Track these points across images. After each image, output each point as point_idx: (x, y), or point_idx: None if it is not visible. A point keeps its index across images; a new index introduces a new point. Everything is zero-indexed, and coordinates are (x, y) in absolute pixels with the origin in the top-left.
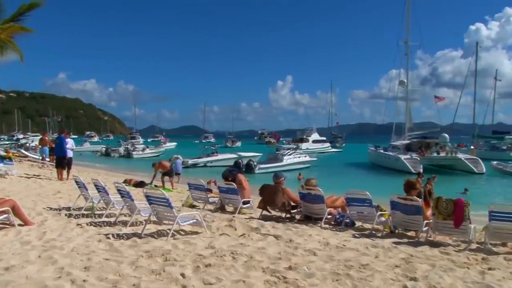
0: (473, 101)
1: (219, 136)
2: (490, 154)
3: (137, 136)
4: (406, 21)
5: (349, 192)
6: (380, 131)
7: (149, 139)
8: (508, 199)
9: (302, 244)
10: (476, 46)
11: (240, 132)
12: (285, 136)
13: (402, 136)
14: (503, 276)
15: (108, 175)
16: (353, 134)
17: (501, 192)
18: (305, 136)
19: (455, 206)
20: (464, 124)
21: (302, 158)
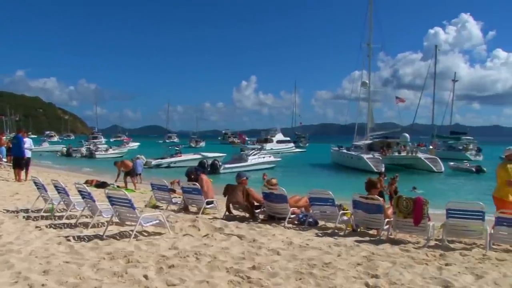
0: (432, 103)
1: (183, 136)
2: (447, 154)
3: (99, 136)
4: (369, 23)
5: (312, 192)
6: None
7: (112, 139)
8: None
9: (265, 244)
10: (435, 49)
11: (204, 132)
12: (250, 136)
13: (364, 136)
14: (458, 271)
15: (69, 176)
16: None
17: (458, 190)
18: (269, 136)
19: (415, 204)
20: (423, 125)
21: (267, 158)
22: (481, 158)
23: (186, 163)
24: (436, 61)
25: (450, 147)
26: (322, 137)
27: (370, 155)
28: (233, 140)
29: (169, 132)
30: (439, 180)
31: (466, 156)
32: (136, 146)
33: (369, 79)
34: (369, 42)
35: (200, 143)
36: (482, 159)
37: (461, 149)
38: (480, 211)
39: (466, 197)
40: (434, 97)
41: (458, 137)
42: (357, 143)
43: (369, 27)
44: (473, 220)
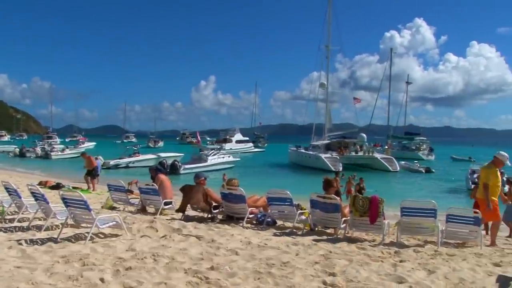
0: (388, 104)
1: (141, 136)
2: (401, 154)
3: (54, 135)
4: (328, 26)
5: (270, 192)
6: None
7: (67, 139)
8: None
9: (224, 244)
10: (390, 52)
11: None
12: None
13: (322, 136)
14: (412, 267)
15: (21, 177)
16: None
17: (412, 189)
18: (228, 136)
19: (371, 203)
20: (379, 125)
21: (226, 158)
22: (433, 158)
23: (145, 163)
24: (391, 64)
25: (404, 147)
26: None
27: (328, 154)
28: (191, 140)
29: (127, 132)
30: (394, 179)
31: (419, 156)
32: (92, 145)
33: (327, 80)
34: (327, 44)
35: (159, 143)
36: (434, 159)
37: (414, 149)
38: (432, 209)
39: (419, 196)
40: (390, 99)
41: (412, 137)
42: (315, 143)
43: (328, 29)
44: (426, 218)
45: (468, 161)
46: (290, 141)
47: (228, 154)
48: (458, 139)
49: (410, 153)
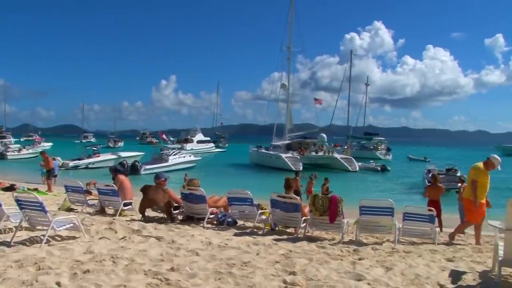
0: (348, 105)
1: (100, 136)
2: (360, 153)
3: (7, 135)
4: (289, 27)
5: (231, 192)
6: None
7: (22, 139)
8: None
9: (184, 245)
10: (350, 54)
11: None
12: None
13: (283, 136)
14: (370, 264)
15: None
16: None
17: (370, 188)
18: (189, 136)
19: (330, 203)
20: (340, 126)
21: (187, 158)
22: (390, 157)
23: (105, 163)
24: (351, 65)
25: (362, 147)
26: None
27: (289, 154)
28: (151, 140)
29: (85, 131)
30: (353, 179)
31: (376, 156)
32: (48, 146)
33: (288, 81)
34: (289, 45)
35: (119, 143)
36: (391, 158)
37: (372, 148)
38: (389, 207)
39: (377, 195)
40: (349, 100)
41: (370, 137)
42: (276, 143)
43: (290, 31)
44: (383, 216)
45: (424, 161)
46: (251, 141)
47: (189, 154)
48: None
49: (368, 152)
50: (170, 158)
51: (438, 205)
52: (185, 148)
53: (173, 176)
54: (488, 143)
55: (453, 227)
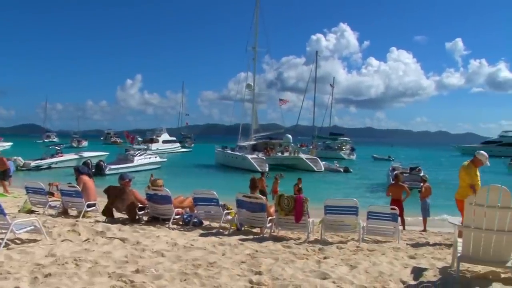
0: (313, 105)
1: (63, 135)
2: (325, 153)
3: None
4: (255, 28)
5: (197, 192)
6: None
7: None
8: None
9: (149, 246)
10: (315, 55)
11: (86, 132)
12: None
13: (249, 137)
14: (335, 263)
15: None
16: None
17: (335, 187)
18: (155, 136)
19: (296, 202)
20: (306, 126)
21: (153, 159)
22: (355, 157)
23: (68, 163)
24: (316, 66)
25: (327, 147)
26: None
27: (255, 155)
28: (115, 140)
29: (48, 131)
30: (318, 179)
31: (340, 155)
32: (8, 146)
33: (254, 81)
34: (254, 46)
35: (83, 143)
36: (356, 158)
37: (337, 148)
38: (354, 206)
39: (342, 194)
40: (315, 100)
41: (335, 138)
42: (242, 143)
43: (255, 31)
44: (348, 215)
45: (388, 160)
46: (217, 142)
47: (154, 154)
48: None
49: (332, 152)
50: (136, 159)
51: (400, 204)
52: (150, 148)
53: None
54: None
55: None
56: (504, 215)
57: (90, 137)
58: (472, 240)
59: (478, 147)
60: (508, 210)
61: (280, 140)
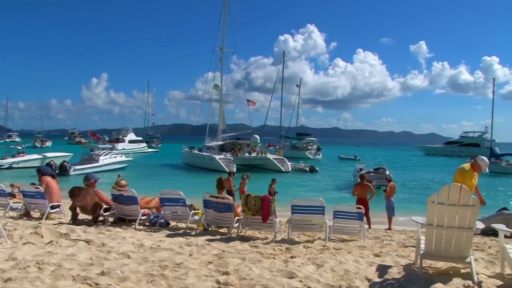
0: (280, 106)
1: (26, 135)
2: (291, 153)
3: None
4: (222, 28)
5: (163, 192)
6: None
7: None
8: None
9: (115, 248)
10: (282, 55)
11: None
12: None
13: (216, 137)
14: (302, 262)
15: None
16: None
17: (302, 187)
18: (121, 136)
19: (263, 202)
20: (273, 126)
21: (118, 159)
22: (320, 157)
23: (30, 163)
24: (283, 67)
25: (293, 147)
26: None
27: (222, 155)
28: (80, 140)
29: (9, 130)
30: (285, 179)
31: (306, 155)
32: None
33: (221, 82)
34: (222, 46)
35: (46, 143)
36: (321, 158)
37: (302, 148)
38: (320, 206)
39: (309, 194)
40: (282, 100)
41: (301, 138)
42: (209, 144)
43: (223, 31)
44: (314, 214)
45: (354, 160)
46: (184, 142)
47: (120, 154)
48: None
49: (298, 152)
50: (101, 159)
51: (366, 203)
52: (116, 148)
53: (104, 177)
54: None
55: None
56: (464, 213)
57: (53, 137)
58: (434, 238)
59: (441, 147)
60: (468, 208)
61: (247, 140)
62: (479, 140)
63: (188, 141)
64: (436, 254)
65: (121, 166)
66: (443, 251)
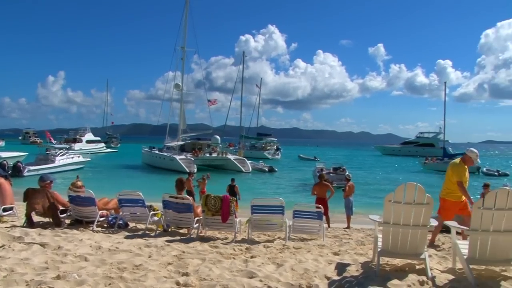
0: (240, 106)
1: None
2: (250, 153)
3: None
4: (184, 27)
5: (122, 193)
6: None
7: None
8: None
9: (72, 250)
10: (243, 55)
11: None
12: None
13: (176, 137)
14: (262, 261)
15: None
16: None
17: (263, 187)
18: (78, 136)
19: (222, 202)
20: (234, 126)
21: (76, 159)
22: (279, 157)
23: None
24: (243, 67)
25: (252, 147)
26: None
27: (183, 156)
28: (35, 140)
29: None
30: (246, 179)
31: (264, 155)
32: None
33: (182, 81)
34: (183, 45)
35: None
36: (280, 157)
37: (261, 148)
38: (280, 205)
39: (269, 194)
40: (242, 101)
41: (260, 138)
42: (170, 144)
43: (184, 31)
44: (274, 214)
45: (314, 160)
46: (144, 142)
47: (77, 154)
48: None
49: (257, 152)
50: (57, 159)
51: (325, 202)
52: (73, 148)
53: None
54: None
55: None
56: (419, 211)
57: (7, 137)
58: (391, 235)
59: (398, 147)
60: (423, 206)
61: (208, 140)
62: (433, 140)
63: (148, 141)
64: (393, 251)
65: (78, 167)
66: (399, 248)
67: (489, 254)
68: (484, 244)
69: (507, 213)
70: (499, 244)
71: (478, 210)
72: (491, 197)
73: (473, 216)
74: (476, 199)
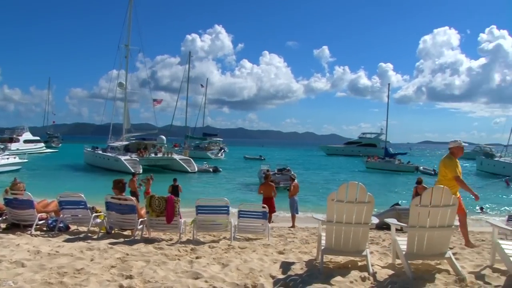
0: (186, 106)
1: None
2: (194, 154)
3: None
4: (128, 25)
5: (62, 195)
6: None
7: None
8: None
9: (7, 256)
10: (189, 55)
11: None
12: None
13: (120, 136)
14: (207, 262)
15: None
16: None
17: (208, 187)
18: (15, 135)
19: (167, 203)
20: (179, 126)
21: (11, 160)
22: (223, 157)
23: None
24: (189, 66)
25: (196, 147)
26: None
27: (128, 156)
28: None
29: None
30: (191, 180)
31: (207, 155)
32: None
33: (126, 80)
34: (127, 44)
35: None
36: (224, 158)
37: (204, 148)
38: (225, 206)
39: (215, 194)
40: (188, 100)
41: (204, 138)
42: (114, 144)
43: (128, 29)
44: (219, 214)
45: (259, 159)
46: (87, 141)
47: (14, 155)
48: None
49: (200, 152)
50: None
51: (271, 202)
52: (9, 149)
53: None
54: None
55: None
56: (360, 209)
57: None
58: (334, 234)
59: (341, 147)
60: (364, 205)
61: (153, 140)
62: (375, 140)
63: (90, 141)
64: (336, 249)
65: (14, 168)
66: (342, 246)
67: (425, 249)
68: (421, 240)
69: (442, 210)
70: (434, 239)
71: (416, 207)
72: (427, 195)
73: (411, 214)
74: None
